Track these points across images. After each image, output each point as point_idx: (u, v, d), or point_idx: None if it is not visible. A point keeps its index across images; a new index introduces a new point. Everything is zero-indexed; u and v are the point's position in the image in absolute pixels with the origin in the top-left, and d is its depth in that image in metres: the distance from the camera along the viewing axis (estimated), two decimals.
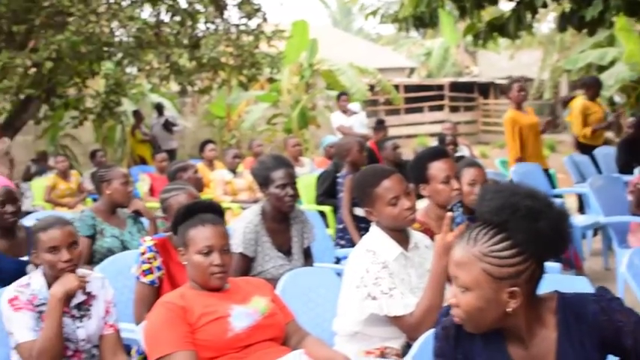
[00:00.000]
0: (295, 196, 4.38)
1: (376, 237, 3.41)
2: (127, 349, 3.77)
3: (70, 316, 3.39)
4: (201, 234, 3.08)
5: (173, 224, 3.27)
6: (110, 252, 4.79)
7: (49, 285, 3.36)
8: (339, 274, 4.05)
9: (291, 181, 4.35)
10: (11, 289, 3.35)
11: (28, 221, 4.56)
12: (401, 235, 3.43)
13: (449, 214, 3.09)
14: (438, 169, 3.90)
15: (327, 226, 6.75)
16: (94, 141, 16.88)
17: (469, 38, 11.45)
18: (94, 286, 3.49)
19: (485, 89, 26.32)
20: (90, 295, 3.47)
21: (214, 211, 3.22)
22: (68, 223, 3.46)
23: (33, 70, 10.78)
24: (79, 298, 3.43)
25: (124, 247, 4.91)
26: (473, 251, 2.09)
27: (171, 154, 13.29)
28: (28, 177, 11.40)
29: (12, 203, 4.34)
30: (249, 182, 8.76)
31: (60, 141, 16.68)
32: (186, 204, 3.32)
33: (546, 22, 23.97)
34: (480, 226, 2.13)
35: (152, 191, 9.13)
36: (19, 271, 4.14)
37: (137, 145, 15.09)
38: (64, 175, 10.00)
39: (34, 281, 3.39)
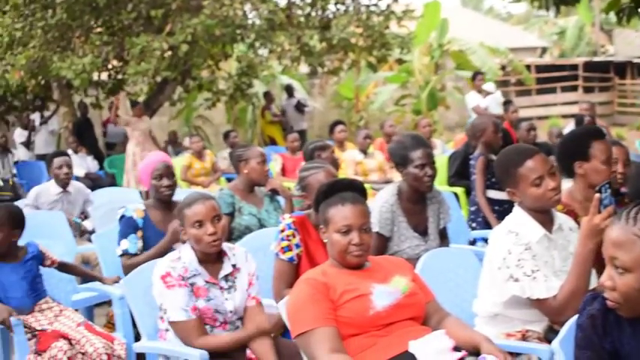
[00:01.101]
0: (434, 176, 4.34)
1: (519, 218, 3.33)
2: None
3: (218, 287, 3.48)
4: (340, 213, 3.09)
5: (314, 202, 3.29)
6: (248, 230, 4.89)
7: (199, 260, 3.46)
8: (476, 255, 4.00)
9: (429, 160, 4.31)
10: (164, 264, 3.46)
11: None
12: (545, 217, 3.34)
13: (597, 195, 2.98)
14: (600, 149, 3.74)
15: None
16: (226, 122, 17.29)
17: (605, 16, 11.01)
18: (239, 258, 3.58)
19: (622, 69, 25.27)
20: (235, 268, 3.56)
21: (356, 190, 3.23)
22: (211, 197, 3.58)
23: (169, 53, 11.07)
24: (226, 269, 3.52)
25: (261, 225, 5.00)
26: (633, 230, 2.01)
27: (302, 134, 13.43)
28: None
29: (168, 177, 4.52)
30: (379, 163, 8.77)
31: (193, 122, 17.18)
32: (328, 182, 3.33)
33: None
34: (638, 204, 2.05)
35: (284, 171, 9.25)
36: None
37: (267, 126, 15.33)
38: (199, 155, 10.29)
39: (184, 254, 3.49)
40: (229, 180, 10.44)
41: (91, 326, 4.23)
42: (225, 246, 3.57)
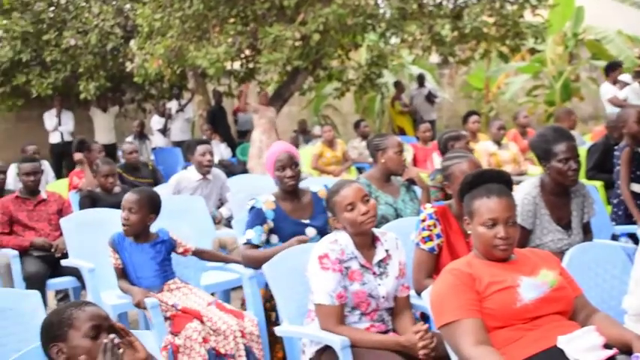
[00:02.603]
0: (578, 170, 4.22)
1: None
2: None
3: (372, 272, 3.51)
4: (485, 206, 3.04)
5: (459, 192, 3.26)
6: (384, 219, 4.88)
7: (355, 243, 3.50)
8: (623, 251, 3.87)
9: (573, 154, 4.19)
10: (323, 245, 3.50)
11: (314, 187, 4.76)
12: None
13: None
14: None
15: None
16: (354, 112, 17.35)
17: None
18: (390, 244, 3.59)
19: None
20: (387, 254, 3.57)
21: (502, 181, 3.17)
22: (354, 181, 3.60)
23: (301, 42, 11.18)
24: (380, 255, 3.54)
25: (398, 215, 4.99)
26: None
27: (432, 125, 13.33)
28: (295, 146, 11.92)
29: (291, 168, 4.54)
30: (513, 154, 8.61)
31: (322, 111, 17.32)
32: (473, 173, 3.28)
33: None
34: None
35: (415, 161, 9.21)
36: (296, 232, 4.43)
37: (396, 116, 15.28)
38: (330, 143, 10.38)
39: (340, 238, 3.53)
40: (359, 169, 10.51)
41: (222, 304, 4.34)
42: (377, 231, 3.59)
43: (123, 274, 4.50)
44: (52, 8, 13.18)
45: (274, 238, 4.48)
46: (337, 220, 3.54)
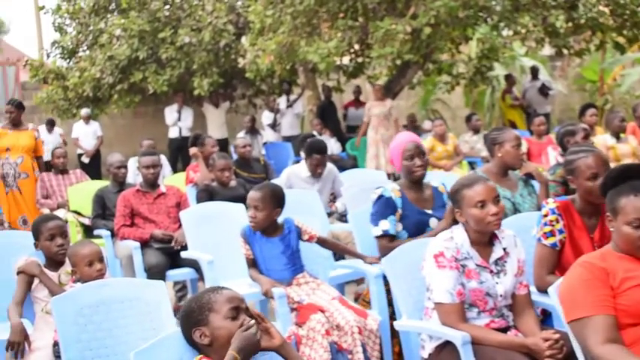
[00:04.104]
0: None
1: None
2: None
3: (489, 271, 3.46)
4: (632, 205, 2.90)
5: (602, 187, 3.11)
6: (504, 214, 4.79)
7: (471, 242, 3.46)
8: None
9: None
10: (438, 243, 3.48)
11: (435, 180, 4.75)
12: None
13: None
14: None
15: None
16: (464, 105, 17.16)
17: None
18: (508, 242, 3.53)
19: None
20: (505, 252, 3.51)
21: None
22: (488, 179, 3.55)
23: (411, 36, 11.10)
24: (498, 253, 3.48)
25: (515, 210, 4.89)
26: None
27: (546, 118, 13.02)
28: None
29: (420, 157, 4.57)
30: (633, 148, 8.32)
31: (431, 105, 17.20)
32: (619, 167, 3.10)
33: None
34: None
35: (529, 155, 9.02)
36: (421, 222, 4.47)
37: (507, 110, 15.01)
38: (441, 138, 10.29)
39: (456, 235, 3.50)
40: (471, 163, 10.38)
41: (345, 301, 4.37)
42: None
43: (253, 263, 4.58)
44: (167, 7, 13.56)
45: (399, 227, 4.50)
46: (460, 213, 3.50)
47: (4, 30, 27.81)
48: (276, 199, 4.56)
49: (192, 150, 8.36)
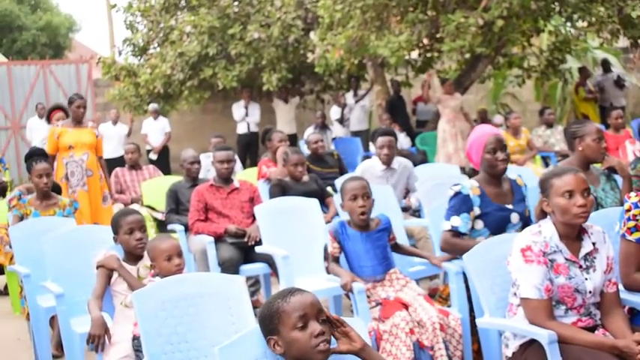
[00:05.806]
0: None
1: None
2: None
3: (578, 266, 3.36)
4: None
5: None
6: None
7: (559, 235, 3.37)
8: None
9: None
10: (525, 237, 3.39)
11: (512, 174, 4.66)
12: None
13: None
14: None
15: None
16: (534, 99, 16.87)
17: None
18: (597, 238, 3.44)
19: None
20: (594, 247, 3.41)
21: None
22: (579, 170, 3.46)
23: (483, 29, 10.94)
24: (587, 248, 3.39)
25: (598, 205, 4.77)
26: None
27: (622, 111, 12.71)
28: None
29: (502, 151, 4.47)
30: None
31: (500, 99, 16.96)
32: None
33: None
34: None
35: (606, 150, 8.79)
36: (502, 218, 4.39)
37: (580, 103, 14.71)
38: (514, 132, 10.12)
39: (544, 229, 3.41)
40: (544, 158, 10.18)
41: (429, 298, 4.32)
42: (584, 224, 3.43)
43: (336, 259, 4.54)
44: (236, 3, 13.63)
45: (479, 224, 4.41)
46: (547, 202, 3.41)
47: (77, 29, 28.35)
48: (370, 188, 4.58)
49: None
